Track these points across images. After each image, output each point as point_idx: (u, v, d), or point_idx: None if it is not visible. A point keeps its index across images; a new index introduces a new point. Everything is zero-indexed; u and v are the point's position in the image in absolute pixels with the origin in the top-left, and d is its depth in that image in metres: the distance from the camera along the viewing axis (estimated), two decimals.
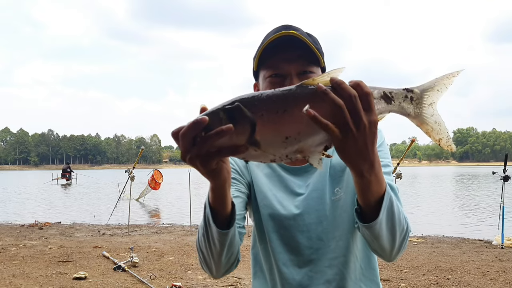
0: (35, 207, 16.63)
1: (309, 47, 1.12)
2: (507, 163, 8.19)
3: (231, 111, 0.73)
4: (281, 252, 1.23)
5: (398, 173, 8.65)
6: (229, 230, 0.98)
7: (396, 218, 0.94)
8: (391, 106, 0.83)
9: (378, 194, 0.88)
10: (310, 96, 0.75)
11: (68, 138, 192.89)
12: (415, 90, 0.84)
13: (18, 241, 8.37)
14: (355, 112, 0.75)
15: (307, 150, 0.78)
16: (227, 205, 0.96)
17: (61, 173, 38.66)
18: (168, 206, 16.53)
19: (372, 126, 0.77)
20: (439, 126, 0.86)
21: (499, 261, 6.63)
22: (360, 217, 0.93)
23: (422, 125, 0.86)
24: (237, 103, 0.74)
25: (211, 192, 0.94)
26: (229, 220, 0.98)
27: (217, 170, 0.84)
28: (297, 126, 0.75)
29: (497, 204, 10.38)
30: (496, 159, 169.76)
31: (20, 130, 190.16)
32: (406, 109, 0.84)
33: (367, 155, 0.80)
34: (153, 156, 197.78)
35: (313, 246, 1.20)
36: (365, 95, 0.76)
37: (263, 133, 0.74)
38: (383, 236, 0.94)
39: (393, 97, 0.83)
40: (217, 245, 1.01)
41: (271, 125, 0.74)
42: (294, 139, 0.75)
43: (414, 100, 0.84)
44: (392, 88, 0.84)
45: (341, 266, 1.20)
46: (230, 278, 5.44)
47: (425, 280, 5.48)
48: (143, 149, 12.01)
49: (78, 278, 5.49)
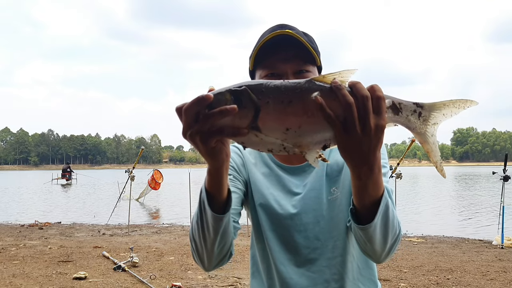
0: (35, 207, 16.62)
1: (304, 46, 1.12)
2: (507, 163, 8.19)
3: (237, 93, 0.74)
4: (278, 252, 1.23)
5: (398, 173, 8.65)
6: (224, 215, 0.97)
7: (390, 223, 0.94)
8: (398, 118, 0.82)
9: (374, 197, 0.88)
10: (319, 92, 0.75)
11: (68, 138, 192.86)
12: (425, 106, 0.83)
13: (18, 241, 8.37)
14: (364, 113, 0.75)
15: (306, 146, 0.78)
16: (223, 190, 0.94)
17: (61, 173, 38.67)
18: (168, 206, 16.52)
19: (379, 130, 0.77)
20: (436, 148, 0.86)
21: (499, 261, 6.63)
22: (354, 217, 0.93)
23: (424, 144, 0.86)
24: (245, 87, 0.74)
25: (208, 175, 0.93)
26: (224, 205, 0.96)
27: (216, 150, 0.83)
28: (299, 120, 0.75)
29: (497, 204, 10.37)
30: (496, 159, 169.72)
31: (20, 130, 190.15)
32: (412, 123, 0.83)
33: (368, 158, 0.80)
34: (153, 156, 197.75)
35: (310, 246, 1.20)
36: (377, 99, 0.76)
37: (265, 120, 0.74)
38: (376, 239, 0.94)
39: (402, 108, 0.82)
40: (211, 231, 0.99)
41: (275, 114, 0.74)
42: (294, 131, 0.76)
43: (422, 116, 0.83)
44: (403, 99, 0.83)
45: (339, 266, 1.20)
46: (230, 278, 5.44)
47: (425, 280, 5.48)
48: (143, 149, 12.01)
49: (78, 278, 5.49)
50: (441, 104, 0.84)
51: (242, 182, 1.23)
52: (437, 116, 0.84)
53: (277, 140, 0.77)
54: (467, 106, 0.85)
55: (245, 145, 0.79)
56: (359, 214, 0.91)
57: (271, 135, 0.76)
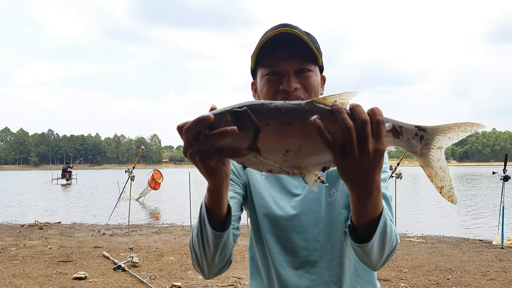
0: (35, 207, 16.62)
1: (306, 44, 1.11)
2: (507, 163, 8.19)
3: (238, 114, 0.74)
4: (277, 253, 1.22)
5: (398, 173, 8.65)
6: (223, 233, 0.98)
7: (387, 238, 0.94)
8: (399, 141, 0.81)
9: (372, 217, 0.87)
10: (319, 114, 0.75)
11: (68, 138, 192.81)
12: (427, 129, 0.81)
13: (18, 241, 8.37)
14: (363, 137, 0.74)
15: (305, 167, 0.78)
16: (223, 207, 0.96)
17: (61, 173, 38.68)
18: (168, 206, 16.51)
19: (378, 154, 0.76)
20: (443, 173, 0.82)
21: (499, 261, 6.63)
22: (352, 235, 0.92)
23: (426, 167, 0.83)
24: (245, 107, 0.74)
25: (208, 192, 0.94)
26: (224, 222, 0.98)
27: (216, 169, 0.84)
28: (299, 142, 0.75)
29: (497, 204, 10.37)
30: (496, 159, 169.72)
31: (20, 130, 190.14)
32: (413, 146, 0.82)
33: (367, 181, 0.79)
34: (153, 156, 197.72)
35: (309, 248, 1.20)
36: (376, 123, 0.75)
37: (265, 142, 0.75)
38: (373, 254, 0.95)
39: (402, 132, 0.81)
40: (211, 246, 1.01)
41: (275, 136, 0.74)
42: (294, 154, 0.76)
43: (424, 140, 0.81)
44: (404, 123, 0.81)
45: (337, 268, 1.20)
46: (230, 278, 5.44)
47: (425, 280, 5.48)
48: (143, 149, 12.01)
49: (78, 278, 5.49)
50: (445, 127, 0.82)
51: (241, 186, 1.23)
52: (442, 139, 0.82)
53: (276, 163, 0.77)
54: (474, 129, 0.83)
55: (244, 165, 0.79)
56: (357, 231, 0.91)
57: (271, 157, 0.76)
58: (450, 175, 0.83)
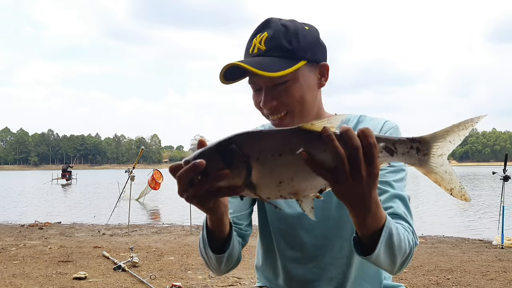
0: (35, 207, 16.61)
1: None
2: (507, 163, 8.18)
3: (227, 154, 0.74)
4: (285, 249, 1.25)
5: None
6: (223, 254, 1.04)
7: (396, 247, 0.91)
8: (393, 158, 0.79)
9: (375, 228, 0.86)
10: (307, 141, 0.74)
11: (68, 138, 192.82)
12: (423, 140, 0.79)
13: (18, 241, 8.36)
14: (355, 163, 0.73)
15: (301, 193, 0.78)
16: (224, 229, 1.01)
17: (61, 173, 38.68)
18: (168, 206, 16.51)
19: (371, 178, 0.75)
20: (449, 176, 0.81)
21: (499, 261, 6.63)
22: (357, 247, 0.91)
23: (429, 174, 0.82)
24: (233, 145, 0.74)
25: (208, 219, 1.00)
26: (225, 242, 1.03)
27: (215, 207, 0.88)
28: (290, 171, 0.75)
29: (497, 204, 10.37)
30: (496, 159, 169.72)
31: (20, 130, 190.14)
32: (409, 160, 0.80)
33: (364, 201, 0.78)
34: (153, 156, 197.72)
35: (317, 244, 1.21)
36: (369, 147, 0.73)
37: (258, 176, 0.74)
38: (382, 264, 0.93)
39: (396, 148, 0.79)
40: (214, 262, 1.09)
41: (266, 169, 0.74)
42: (287, 184, 0.76)
43: (421, 151, 0.79)
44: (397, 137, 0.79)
45: (344, 266, 1.21)
46: (230, 278, 5.43)
47: (425, 280, 5.48)
48: (143, 149, 12.01)
49: (78, 278, 5.48)
50: (443, 132, 0.80)
51: None
52: (442, 145, 0.80)
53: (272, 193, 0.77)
54: (474, 123, 0.80)
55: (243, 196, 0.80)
56: (362, 243, 0.90)
57: (266, 189, 0.76)
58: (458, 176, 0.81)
